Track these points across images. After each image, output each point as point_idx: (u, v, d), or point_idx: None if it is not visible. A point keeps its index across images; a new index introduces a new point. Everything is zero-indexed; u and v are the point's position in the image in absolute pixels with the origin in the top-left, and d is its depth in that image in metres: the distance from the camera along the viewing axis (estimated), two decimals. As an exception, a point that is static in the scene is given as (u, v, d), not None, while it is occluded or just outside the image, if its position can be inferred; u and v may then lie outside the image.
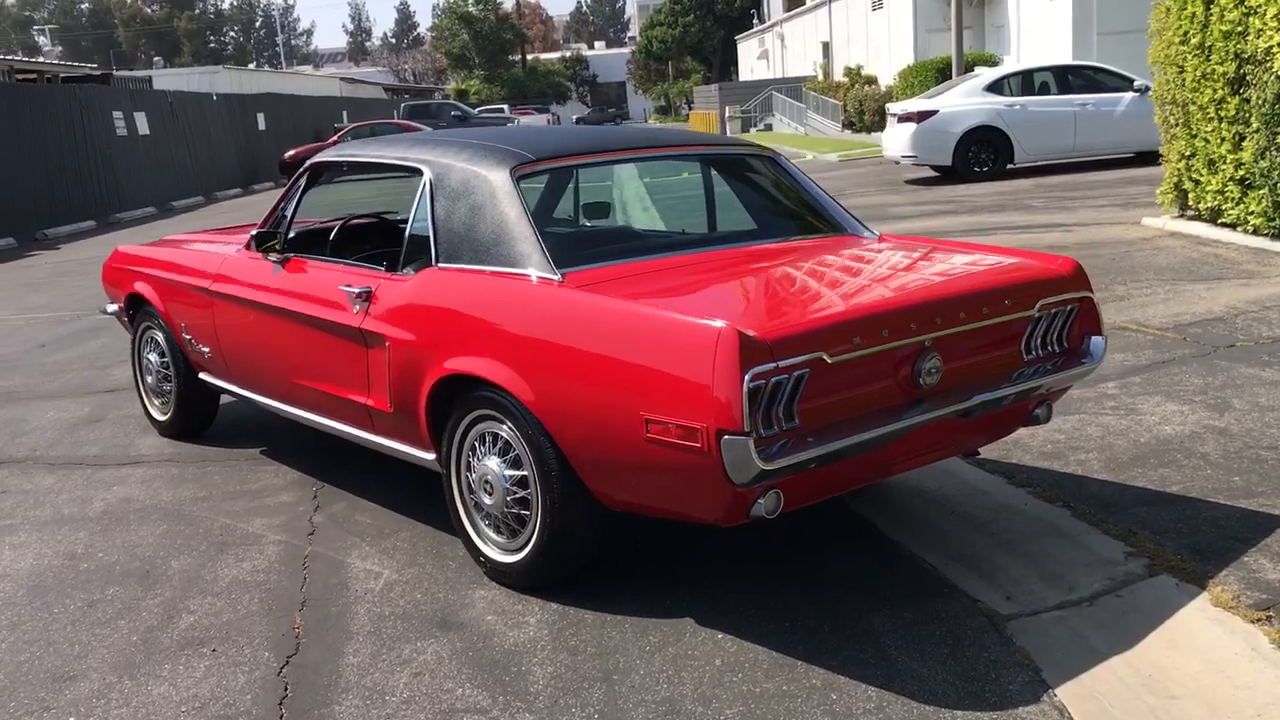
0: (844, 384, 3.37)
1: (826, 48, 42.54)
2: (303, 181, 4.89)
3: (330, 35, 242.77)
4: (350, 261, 4.50)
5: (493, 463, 3.77)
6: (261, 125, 32.67)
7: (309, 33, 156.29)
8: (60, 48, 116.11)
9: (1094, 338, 4.07)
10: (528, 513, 3.70)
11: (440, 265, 4.02)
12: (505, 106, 58.06)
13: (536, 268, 3.74)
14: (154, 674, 3.39)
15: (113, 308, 6.13)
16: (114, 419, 6.34)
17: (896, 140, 16.70)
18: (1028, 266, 4.00)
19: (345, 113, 40.54)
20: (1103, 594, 3.65)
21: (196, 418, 5.75)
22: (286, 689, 3.26)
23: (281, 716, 3.11)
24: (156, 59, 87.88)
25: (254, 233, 4.75)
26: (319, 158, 4.88)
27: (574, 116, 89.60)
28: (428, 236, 4.09)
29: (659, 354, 3.24)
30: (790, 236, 4.44)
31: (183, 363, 5.59)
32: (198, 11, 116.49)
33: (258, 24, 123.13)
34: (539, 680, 3.24)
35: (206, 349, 5.34)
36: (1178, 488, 4.43)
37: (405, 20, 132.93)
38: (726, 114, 44.28)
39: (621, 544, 4.12)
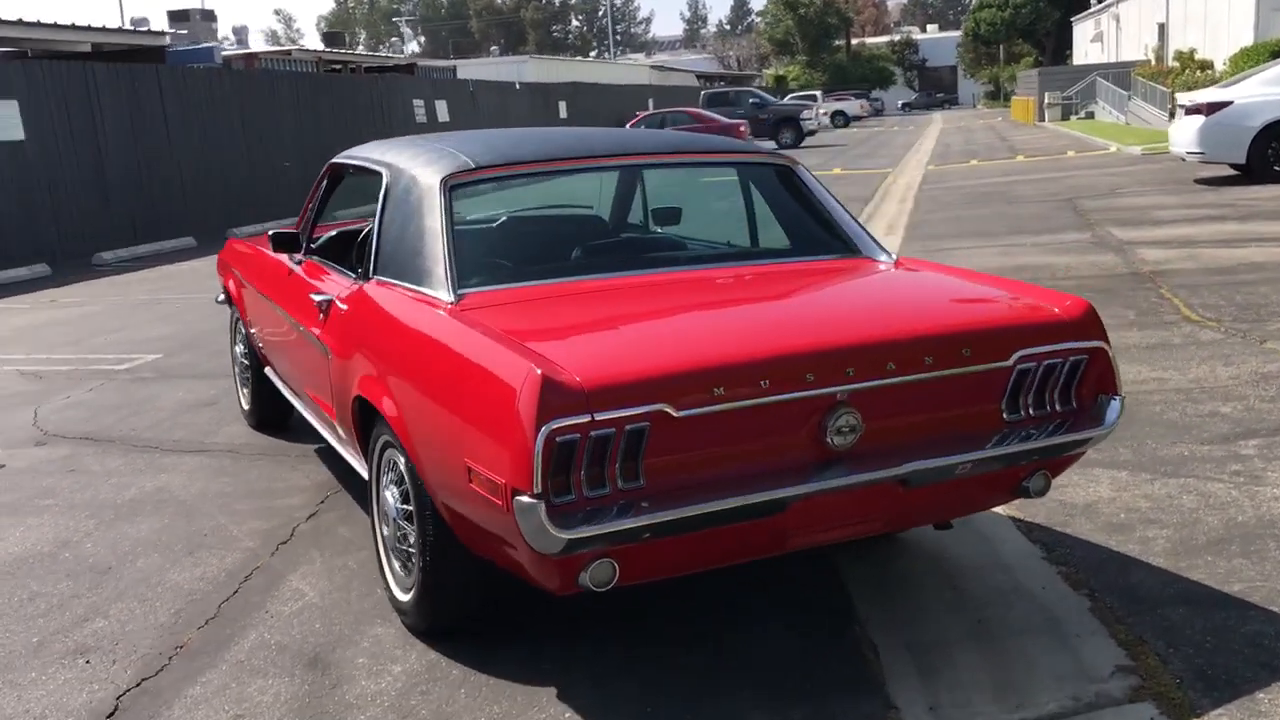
0: (713, 440, 2.88)
1: (1162, 30, 39.01)
2: (324, 183, 4.82)
3: (668, 23, 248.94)
4: (340, 269, 4.39)
5: (390, 492, 3.54)
6: (563, 113, 33.80)
7: (648, 21, 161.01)
8: (422, 38, 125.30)
9: (1106, 398, 3.33)
10: (413, 550, 3.44)
11: (374, 277, 3.83)
12: (817, 94, 57.25)
13: (436, 286, 3.47)
14: (16, 681, 3.39)
15: (222, 298, 6.36)
16: (223, 405, 6.58)
17: (1183, 134, 14.94)
18: (1009, 309, 3.33)
19: (651, 100, 41.28)
20: (1052, 718, 2.97)
21: (270, 409, 5.85)
22: (111, 716, 3.16)
23: (86, 745, 3.03)
24: (494, 48, 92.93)
25: (272, 233, 4.73)
26: (335, 159, 4.79)
27: (899, 102, 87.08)
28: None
29: (478, 395, 2.89)
30: (761, 259, 3.91)
31: (252, 356, 5.71)
32: (543, 1, 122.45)
33: (600, 13, 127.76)
34: (347, 741, 2.98)
35: (261, 345, 5.43)
36: (1240, 587, 3.58)
37: (740, 6, 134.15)
38: (1045, 100, 41.59)
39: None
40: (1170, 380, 5.88)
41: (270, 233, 4.75)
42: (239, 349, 6.01)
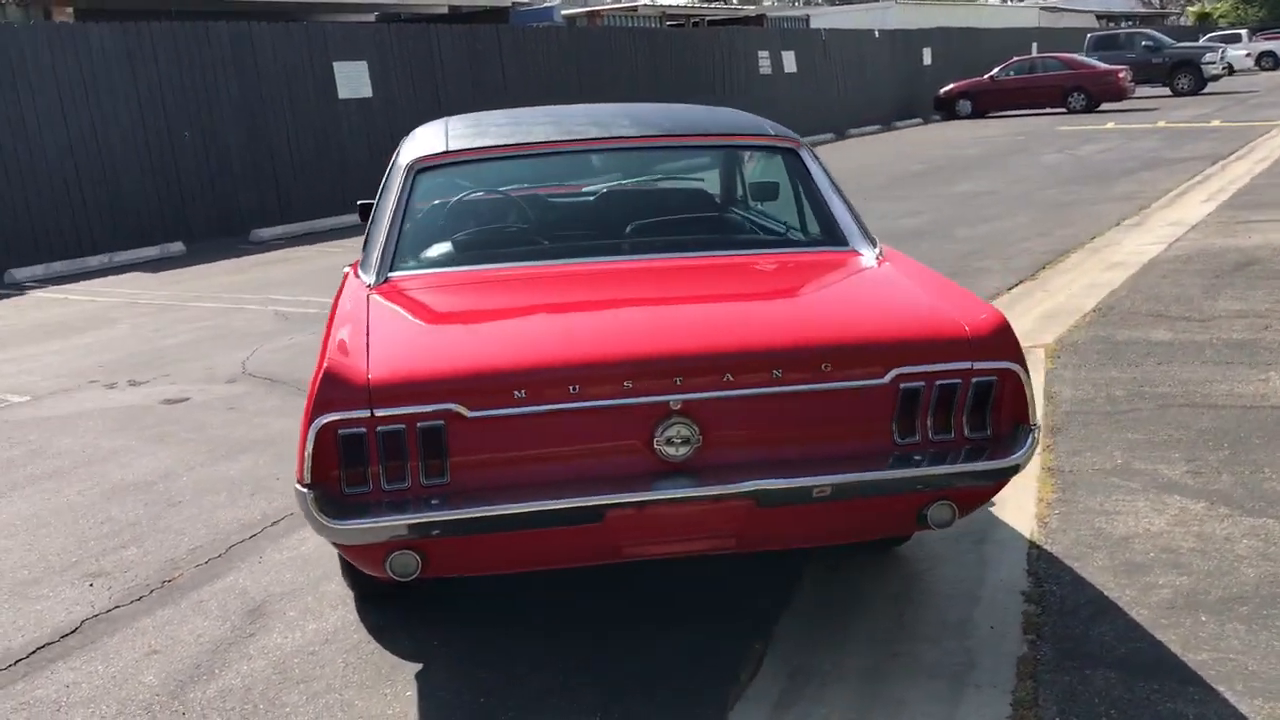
0: (531, 443, 2.86)
1: None
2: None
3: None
4: None
5: None
6: (927, 60, 32.56)
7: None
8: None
9: (1024, 428, 2.96)
10: None
11: (358, 260, 4.03)
12: (1242, 33, 51.32)
13: (368, 268, 3.62)
14: (28, 594, 3.93)
15: None
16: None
17: None
18: (891, 323, 3.01)
19: (1035, 44, 38.82)
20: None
21: None
22: (70, 635, 3.62)
23: None
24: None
25: (360, 203, 5.02)
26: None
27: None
28: None
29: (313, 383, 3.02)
30: (713, 250, 3.72)
31: None
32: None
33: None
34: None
35: None
36: (1203, 657, 3.08)
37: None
38: None
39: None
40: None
41: (359, 203, 5.04)
42: None
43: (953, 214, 12.05)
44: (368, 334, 3.03)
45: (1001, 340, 2.93)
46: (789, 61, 26.27)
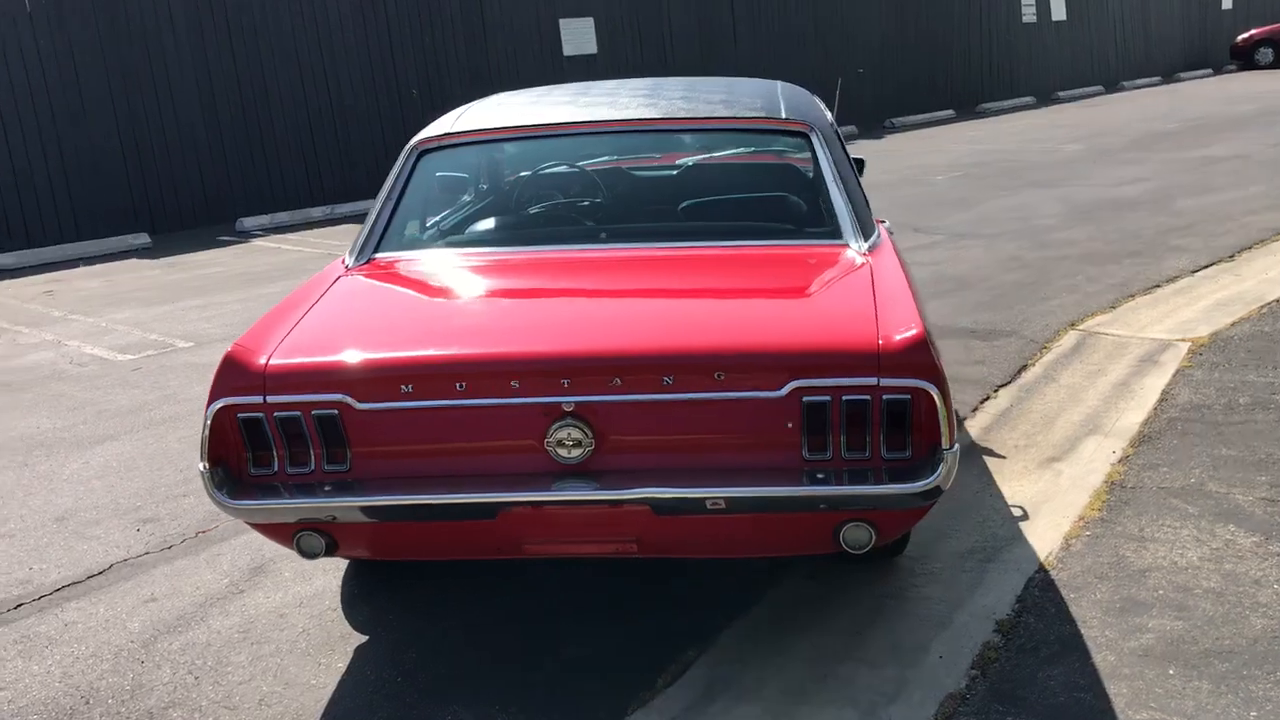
0: (427, 436, 2.90)
1: None
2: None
3: None
4: None
5: None
6: (1226, 4, 29.82)
7: None
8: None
9: (942, 450, 2.74)
10: None
11: None
12: None
13: (352, 249, 3.72)
14: (86, 534, 4.32)
15: None
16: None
17: None
18: (795, 334, 2.83)
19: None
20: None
21: None
22: (99, 574, 3.96)
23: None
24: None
25: None
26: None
27: None
28: None
29: None
30: (695, 240, 3.58)
31: None
32: None
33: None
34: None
35: None
36: (1149, 714, 2.76)
37: None
38: None
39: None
40: None
41: None
42: None
43: (1181, 182, 11.07)
44: (301, 318, 3.14)
45: (913, 357, 2.71)
46: (1058, 8, 24.66)
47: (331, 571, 3.83)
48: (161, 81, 12.38)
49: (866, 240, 3.49)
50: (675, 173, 4.08)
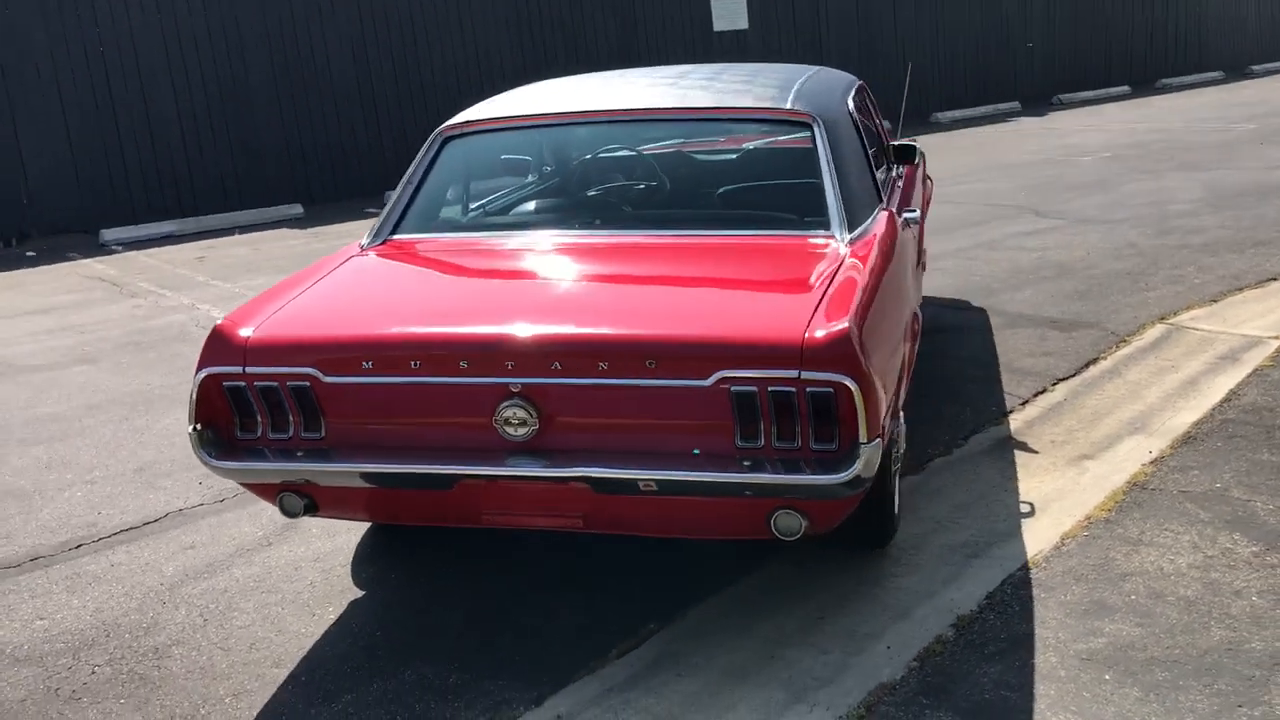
0: (391, 410, 3.12)
1: None
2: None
3: None
4: None
5: None
6: None
7: None
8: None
9: (861, 444, 2.79)
10: None
11: None
12: None
13: (371, 230, 3.95)
14: (157, 485, 4.72)
15: None
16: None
17: None
18: (724, 325, 2.91)
19: None
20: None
21: None
22: (152, 522, 4.34)
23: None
24: None
25: None
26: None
27: None
28: None
29: None
30: (690, 229, 3.68)
31: None
32: None
33: None
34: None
35: None
36: (1068, 716, 2.76)
37: None
38: None
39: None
40: None
41: None
42: None
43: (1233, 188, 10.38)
44: (297, 294, 3.39)
45: (835, 351, 2.76)
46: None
47: (354, 531, 4.10)
48: (323, 69, 13.03)
49: (853, 231, 3.51)
50: (674, 162, 4.16)
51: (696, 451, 2.91)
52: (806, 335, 2.79)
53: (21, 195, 11.65)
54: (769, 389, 2.81)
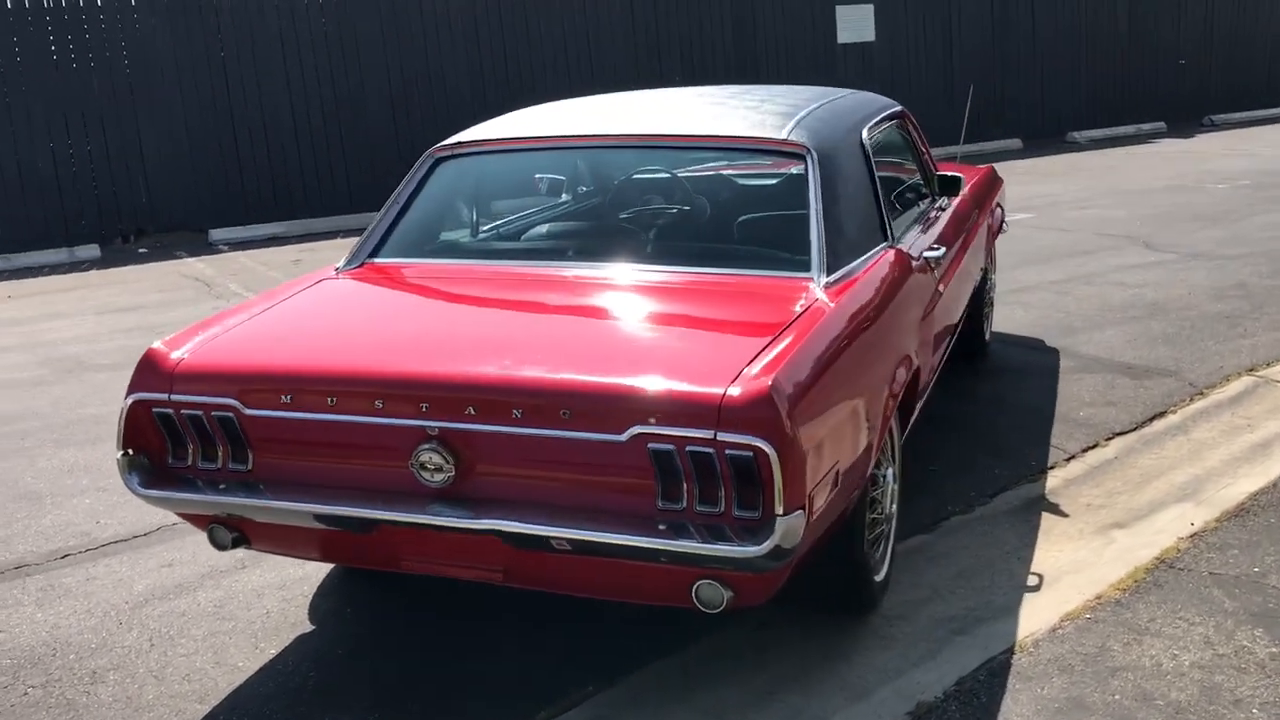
0: (313, 446, 2.99)
1: None
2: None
3: None
4: None
5: None
6: None
7: None
8: None
9: (777, 515, 2.54)
10: None
11: None
12: None
13: (350, 252, 3.84)
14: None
15: None
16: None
17: None
18: (643, 378, 2.67)
19: None
20: None
21: None
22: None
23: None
24: None
25: None
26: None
27: None
28: None
29: None
30: (650, 262, 3.45)
31: None
32: None
33: None
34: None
35: None
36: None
37: None
38: None
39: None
40: None
41: None
42: None
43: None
44: (245, 319, 3.31)
45: (753, 413, 2.51)
46: None
47: (329, 558, 4.00)
48: (436, 71, 13.16)
49: (834, 273, 3.24)
50: (660, 192, 3.94)
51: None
52: (726, 393, 2.55)
53: (141, 193, 12.07)
54: (687, 449, 2.57)
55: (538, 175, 4.29)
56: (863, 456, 3.01)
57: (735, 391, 2.54)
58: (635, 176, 4.01)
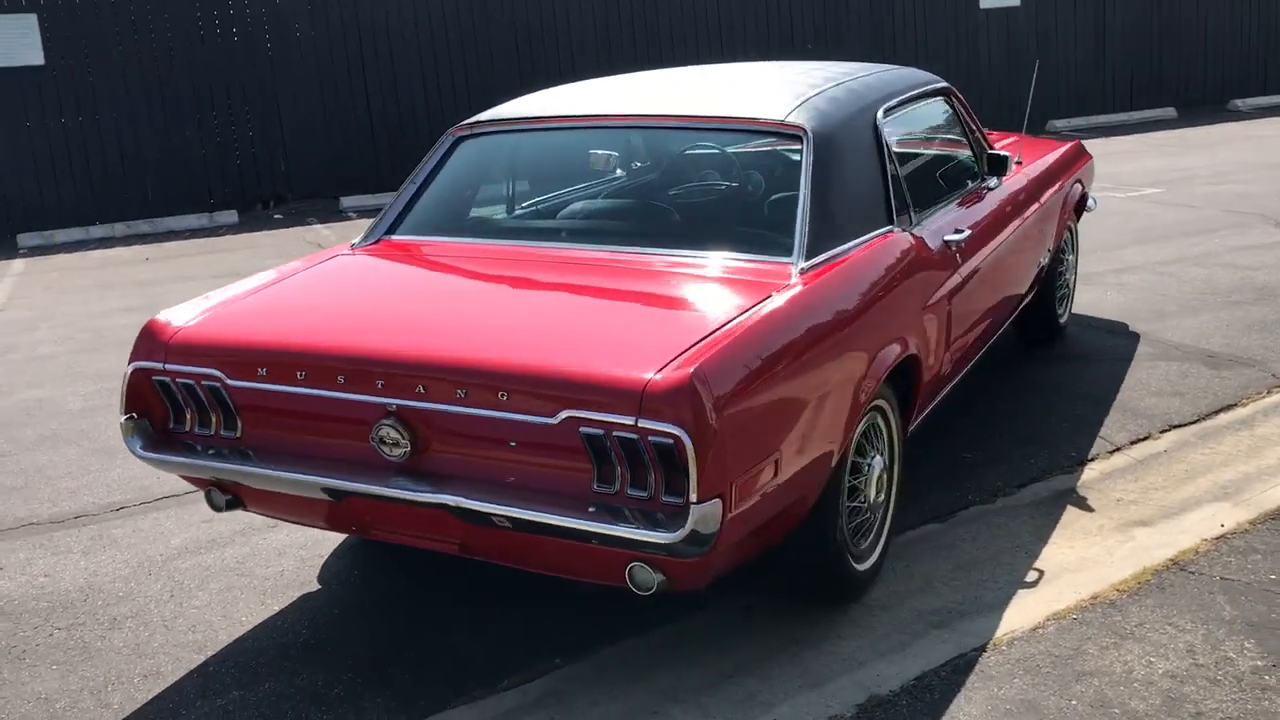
0: (292, 416, 3.14)
1: None
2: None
3: None
4: None
5: None
6: None
7: None
8: None
9: (692, 503, 2.56)
10: None
11: None
12: None
13: (365, 231, 3.97)
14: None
15: None
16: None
17: None
18: (575, 361, 2.71)
19: None
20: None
21: None
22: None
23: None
24: None
25: None
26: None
27: None
28: None
29: None
30: (640, 245, 3.45)
31: None
32: None
33: None
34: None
35: None
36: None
37: None
38: None
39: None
40: None
41: None
42: None
43: None
44: (247, 292, 3.47)
45: (671, 401, 2.52)
46: None
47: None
48: (565, 50, 13.32)
49: (814, 258, 3.20)
50: (662, 173, 3.93)
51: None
52: (649, 380, 2.57)
53: (281, 161, 12.61)
54: (614, 434, 2.61)
55: (591, 151, 4.33)
56: (823, 444, 2.98)
57: (658, 378, 2.56)
58: (636, 158, 4.02)
